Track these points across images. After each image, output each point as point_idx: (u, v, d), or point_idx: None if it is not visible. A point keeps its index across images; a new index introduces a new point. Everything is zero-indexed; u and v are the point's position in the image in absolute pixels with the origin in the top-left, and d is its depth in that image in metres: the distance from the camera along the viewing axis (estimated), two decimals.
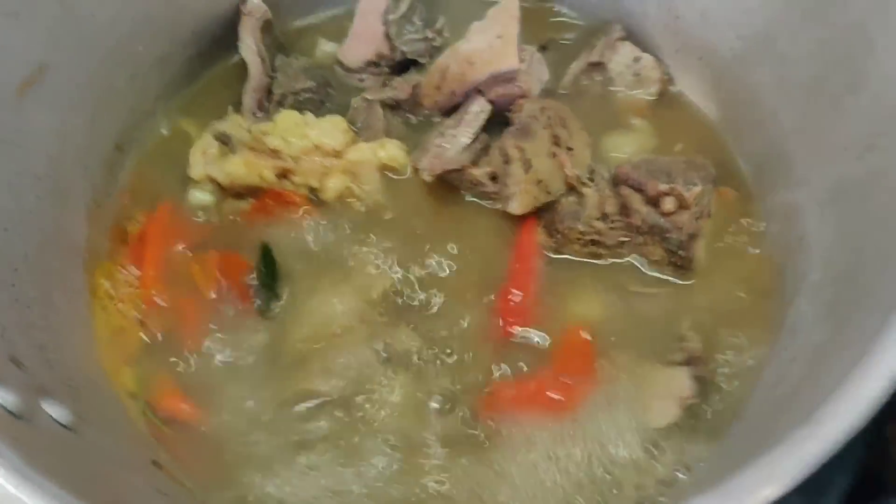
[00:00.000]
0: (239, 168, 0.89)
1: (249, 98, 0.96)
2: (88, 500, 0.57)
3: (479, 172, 0.87)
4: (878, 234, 0.63)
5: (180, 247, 0.89)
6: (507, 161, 0.85)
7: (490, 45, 0.89)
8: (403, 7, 0.96)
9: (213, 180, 0.91)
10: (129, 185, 0.94)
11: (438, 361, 0.80)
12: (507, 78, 0.89)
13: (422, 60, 0.97)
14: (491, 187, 0.87)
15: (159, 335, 0.84)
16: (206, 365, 0.82)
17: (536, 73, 0.92)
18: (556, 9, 1.03)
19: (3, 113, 0.77)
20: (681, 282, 0.84)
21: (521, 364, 0.80)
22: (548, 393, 0.78)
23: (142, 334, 0.84)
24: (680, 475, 0.73)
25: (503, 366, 0.80)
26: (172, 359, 0.82)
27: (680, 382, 0.77)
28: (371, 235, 0.87)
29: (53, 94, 0.82)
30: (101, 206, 0.90)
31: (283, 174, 0.90)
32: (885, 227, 0.61)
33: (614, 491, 0.73)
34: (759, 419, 0.70)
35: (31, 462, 0.57)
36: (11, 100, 0.78)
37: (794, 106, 0.79)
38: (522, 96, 0.90)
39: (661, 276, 0.84)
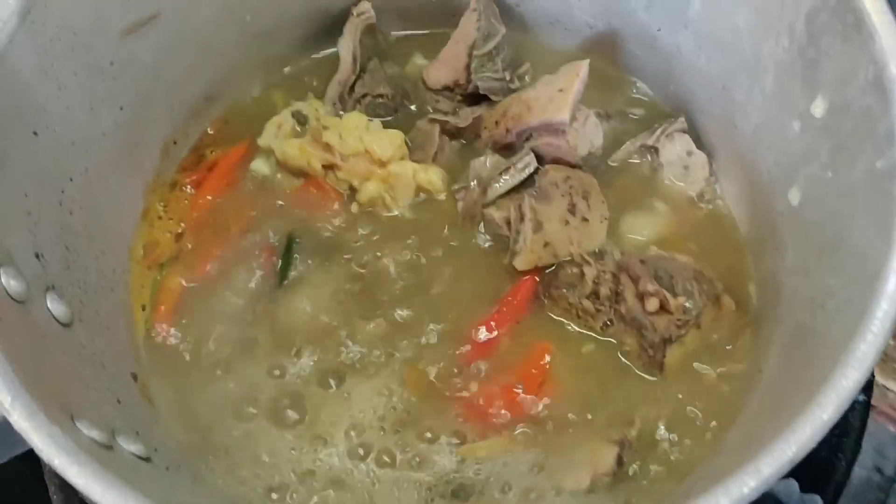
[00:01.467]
0: (293, 150, 0.97)
1: (332, 89, 1.05)
2: (34, 387, 0.62)
3: (498, 215, 0.92)
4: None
5: (234, 191, 1.00)
6: (521, 218, 0.89)
7: (550, 96, 0.94)
8: (489, 46, 1.01)
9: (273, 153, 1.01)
10: (208, 131, 1.04)
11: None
12: (557, 129, 0.93)
13: (494, 98, 1.02)
14: (505, 230, 0.92)
15: (188, 247, 0.95)
16: (206, 295, 0.92)
17: (588, 135, 0.95)
18: (637, 84, 1.04)
19: (102, 44, 0.85)
20: (647, 377, 0.85)
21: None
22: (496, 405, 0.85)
23: (173, 247, 0.95)
24: None
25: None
26: (185, 273, 0.93)
27: (605, 459, 0.79)
28: (386, 242, 0.94)
29: (157, 39, 0.92)
30: (176, 144, 1.01)
31: (330, 167, 0.97)
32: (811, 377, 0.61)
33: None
34: None
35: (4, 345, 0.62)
36: (114, 36, 0.87)
37: (800, 247, 0.78)
38: (564, 161, 0.94)
39: (630, 364, 0.86)
